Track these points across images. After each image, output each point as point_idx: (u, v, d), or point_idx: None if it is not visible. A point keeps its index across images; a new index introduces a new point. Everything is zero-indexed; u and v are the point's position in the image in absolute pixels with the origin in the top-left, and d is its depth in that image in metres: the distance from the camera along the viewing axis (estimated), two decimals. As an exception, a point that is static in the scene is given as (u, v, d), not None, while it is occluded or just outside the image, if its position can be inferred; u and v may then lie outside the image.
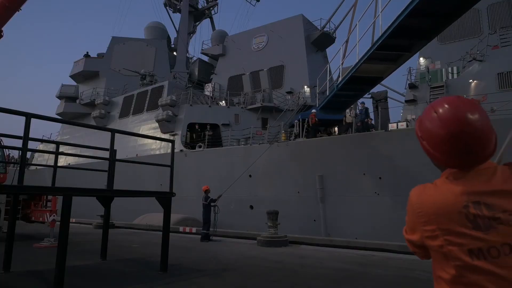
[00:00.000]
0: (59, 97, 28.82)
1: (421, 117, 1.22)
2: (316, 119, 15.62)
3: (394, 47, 9.28)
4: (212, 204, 11.70)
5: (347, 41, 12.70)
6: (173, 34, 34.55)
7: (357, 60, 10.68)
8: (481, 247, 1.05)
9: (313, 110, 16.07)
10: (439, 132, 1.13)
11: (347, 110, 15.49)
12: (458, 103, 1.14)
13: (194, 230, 13.69)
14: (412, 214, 1.22)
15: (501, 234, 1.04)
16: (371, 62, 10.17)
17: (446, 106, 1.14)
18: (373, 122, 15.36)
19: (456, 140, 1.11)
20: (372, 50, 9.55)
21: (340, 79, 13.14)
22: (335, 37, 24.82)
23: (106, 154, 6.90)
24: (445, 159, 1.17)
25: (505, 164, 1.19)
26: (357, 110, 16.35)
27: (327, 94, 15.16)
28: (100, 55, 29.74)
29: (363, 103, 15.21)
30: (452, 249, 1.09)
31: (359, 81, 11.47)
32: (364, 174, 13.33)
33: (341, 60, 12.79)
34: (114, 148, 6.75)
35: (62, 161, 24.23)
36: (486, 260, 1.04)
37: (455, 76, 15.82)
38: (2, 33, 13.33)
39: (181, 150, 18.35)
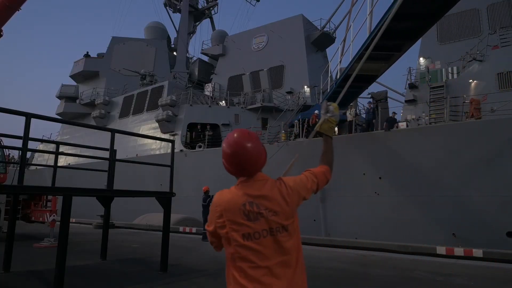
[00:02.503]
0: (59, 97, 28.82)
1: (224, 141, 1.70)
2: (317, 120, 15.60)
3: (383, 47, 9.50)
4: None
5: (344, 41, 12.77)
6: (173, 34, 34.56)
7: (350, 60, 10.87)
8: (250, 232, 1.54)
9: (316, 111, 16.07)
10: (226, 151, 1.64)
11: (348, 110, 15.50)
12: (239, 133, 1.65)
13: (194, 230, 13.69)
14: (212, 211, 1.65)
15: (262, 223, 1.55)
16: (364, 61, 10.32)
17: (233, 134, 1.66)
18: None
19: (234, 157, 1.62)
20: (361, 51, 9.76)
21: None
22: (335, 37, 24.80)
23: (106, 154, 6.90)
24: (232, 170, 1.67)
25: (278, 178, 1.70)
26: (356, 109, 16.31)
27: (328, 91, 15.18)
28: (100, 55, 29.72)
29: (370, 102, 15.18)
30: (233, 234, 1.55)
31: (356, 79, 11.64)
32: (364, 174, 13.32)
33: (339, 58, 12.86)
34: (114, 148, 6.75)
35: (62, 161, 24.22)
36: (252, 241, 1.53)
37: (455, 76, 15.82)
38: (2, 33, 13.33)
39: (181, 150, 18.34)
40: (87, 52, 29.45)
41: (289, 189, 1.64)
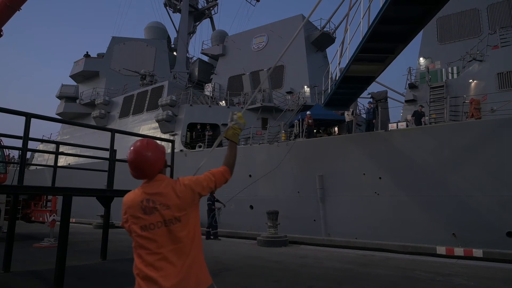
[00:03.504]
0: (59, 97, 28.78)
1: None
2: (309, 121, 15.65)
3: (377, 50, 9.64)
4: (214, 206, 12.05)
5: (342, 42, 12.80)
6: (173, 34, 34.55)
7: (347, 62, 11.00)
8: (146, 224, 1.82)
9: (308, 112, 16.09)
10: (128, 158, 1.93)
11: (348, 110, 15.53)
12: (139, 143, 1.95)
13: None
14: (122, 210, 1.93)
15: (156, 216, 1.82)
16: (360, 64, 10.49)
17: (135, 144, 1.95)
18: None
19: (132, 163, 1.91)
20: (356, 54, 9.95)
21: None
22: (335, 37, 24.79)
23: (106, 154, 6.90)
24: (133, 174, 1.95)
25: (178, 178, 1.97)
26: (356, 109, 16.29)
27: (329, 92, 15.22)
28: (100, 55, 29.70)
29: (370, 103, 15.18)
30: (133, 227, 1.85)
31: (354, 80, 11.75)
32: (364, 174, 13.32)
33: (338, 59, 12.88)
34: (114, 148, 6.75)
35: (62, 161, 24.21)
36: (148, 231, 1.82)
37: (455, 76, 15.81)
38: (2, 32, 13.33)
39: (181, 150, 18.34)
40: (87, 52, 29.44)
41: (183, 186, 1.90)
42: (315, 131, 16.93)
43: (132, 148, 1.94)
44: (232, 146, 2.25)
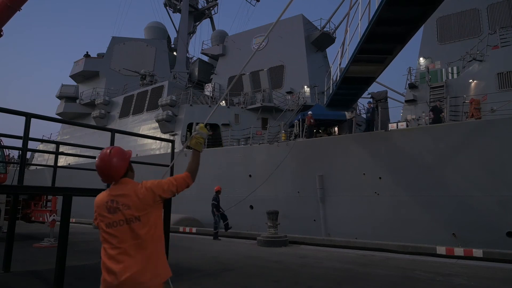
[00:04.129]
0: (59, 97, 28.78)
1: None
2: (311, 121, 15.66)
3: (375, 51, 9.67)
4: (215, 209, 12.11)
5: (343, 43, 12.81)
6: (173, 34, 34.55)
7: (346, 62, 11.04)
8: (110, 222, 2.07)
9: (309, 112, 16.10)
10: (95, 164, 2.17)
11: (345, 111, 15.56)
12: (105, 151, 2.18)
13: (194, 230, 13.71)
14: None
15: (119, 215, 2.06)
16: (359, 64, 10.52)
17: (102, 151, 2.18)
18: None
19: (98, 168, 2.16)
20: (354, 54, 9.98)
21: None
22: (335, 37, 24.79)
23: (106, 154, 6.89)
24: (101, 178, 2.20)
25: (142, 183, 2.18)
26: (357, 109, 16.27)
27: (330, 93, 15.25)
28: (100, 55, 29.69)
29: (370, 102, 15.20)
30: (100, 224, 2.10)
31: (355, 81, 11.77)
32: (364, 174, 13.32)
33: (339, 60, 12.90)
34: (114, 148, 6.73)
35: (62, 161, 24.21)
36: (112, 228, 2.06)
37: (455, 76, 15.81)
38: (2, 32, 13.33)
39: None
40: (87, 52, 29.43)
41: (144, 189, 2.12)
42: (314, 131, 16.95)
43: (98, 155, 2.17)
44: (195, 154, 2.41)
